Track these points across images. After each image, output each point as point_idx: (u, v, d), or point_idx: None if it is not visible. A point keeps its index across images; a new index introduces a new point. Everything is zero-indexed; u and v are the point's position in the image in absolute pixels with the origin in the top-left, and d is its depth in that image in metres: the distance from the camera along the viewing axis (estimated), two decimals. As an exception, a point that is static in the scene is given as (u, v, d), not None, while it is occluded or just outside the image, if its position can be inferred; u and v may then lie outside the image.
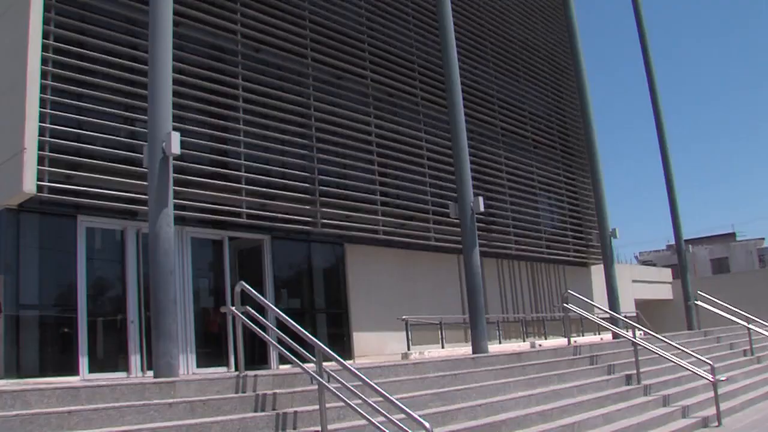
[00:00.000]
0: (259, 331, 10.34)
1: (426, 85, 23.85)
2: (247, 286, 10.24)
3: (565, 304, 18.24)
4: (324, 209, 19.40)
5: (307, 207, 19.14)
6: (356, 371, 8.62)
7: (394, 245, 21.93)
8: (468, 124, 18.45)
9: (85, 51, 15.60)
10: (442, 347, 21.62)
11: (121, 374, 15.27)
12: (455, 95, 17.82)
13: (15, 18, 15.24)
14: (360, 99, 21.62)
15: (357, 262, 21.00)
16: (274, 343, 10.31)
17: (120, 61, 16.05)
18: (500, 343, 23.90)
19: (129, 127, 16.13)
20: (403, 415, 8.00)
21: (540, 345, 21.35)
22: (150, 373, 13.16)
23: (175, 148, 11.08)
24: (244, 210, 17.56)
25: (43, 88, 14.71)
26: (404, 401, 8.22)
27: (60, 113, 14.94)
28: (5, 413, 7.60)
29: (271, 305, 10.45)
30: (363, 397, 8.57)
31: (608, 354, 16.51)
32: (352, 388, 8.75)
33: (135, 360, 15.55)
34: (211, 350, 17.21)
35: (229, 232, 17.90)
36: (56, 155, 14.69)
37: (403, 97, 23.17)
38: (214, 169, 17.39)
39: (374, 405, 8.41)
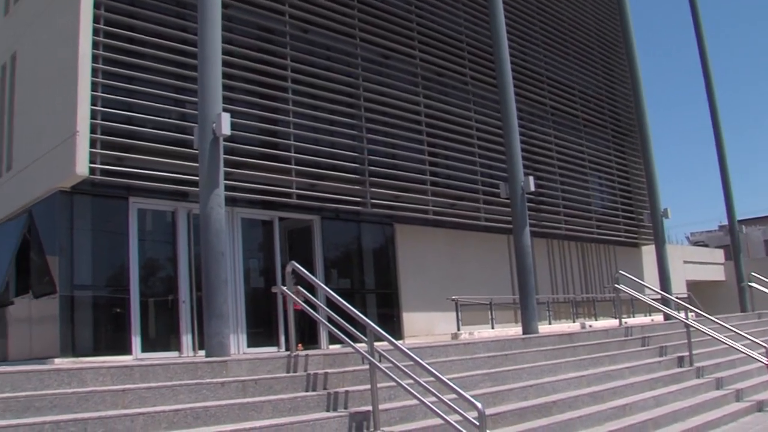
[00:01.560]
0: (311, 310, 10.38)
1: (475, 64, 23.67)
2: (298, 266, 10.28)
3: (616, 285, 18.11)
4: (374, 189, 19.37)
5: (357, 187, 19.14)
6: (408, 351, 8.61)
7: (443, 225, 21.85)
8: (517, 103, 18.32)
9: (135, 34, 15.72)
10: (492, 328, 21.56)
11: (173, 354, 15.45)
12: (505, 74, 17.71)
13: (66, 2, 15.41)
14: (409, 78, 21.52)
15: (407, 242, 20.96)
16: (325, 322, 10.33)
17: (170, 43, 16.15)
18: (550, 323, 23.78)
19: (179, 108, 16.24)
20: (454, 396, 7.98)
21: (590, 326, 21.21)
22: (201, 353, 13.30)
23: (226, 129, 11.15)
24: (294, 190, 17.60)
25: (94, 72, 14.86)
26: (455, 381, 8.21)
27: (111, 96, 15.09)
28: (62, 390, 7.74)
29: (322, 285, 10.48)
30: (414, 377, 8.56)
31: (660, 335, 16.35)
32: (403, 368, 8.75)
33: (186, 340, 15.72)
34: (261, 330, 17.31)
35: (279, 212, 17.96)
36: (108, 138, 14.85)
37: (452, 76, 23.01)
38: (263, 149, 17.45)
39: (426, 385, 8.40)
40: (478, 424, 7.58)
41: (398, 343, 9.03)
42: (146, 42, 15.87)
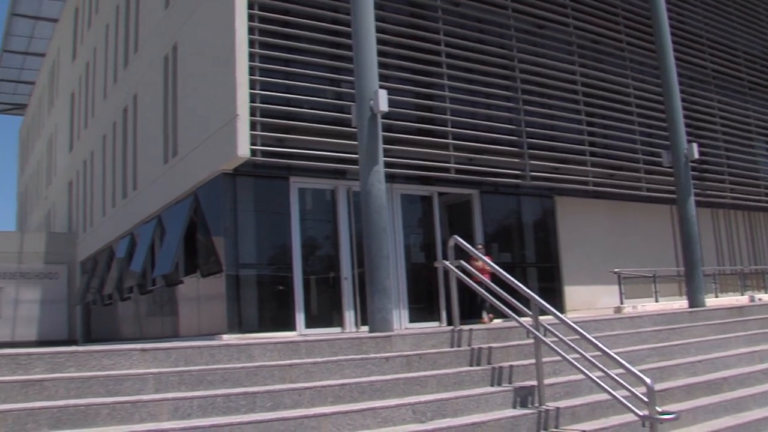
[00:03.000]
0: (474, 285, 10.30)
1: (631, 29, 22.96)
2: (461, 240, 10.22)
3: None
4: (532, 161, 19.12)
5: (516, 160, 18.93)
6: (574, 325, 8.43)
7: (604, 196, 21.33)
8: (677, 67, 17.68)
9: (288, 17, 16.01)
10: (656, 301, 20.96)
11: (336, 330, 15.72)
12: (663, 38, 17.14)
13: (223, -9, 15.82)
14: (564, 47, 21.07)
15: (567, 215, 20.60)
16: (489, 297, 10.22)
17: (322, 24, 16.34)
18: (716, 297, 22.87)
19: (335, 88, 16.43)
20: (620, 370, 7.77)
21: (760, 299, 20.39)
22: (364, 329, 13.47)
23: (383, 106, 11.18)
24: (452, 165, 17.56)
25: (251, 56, 15.24)
26: (621, 356, 7.97)
27: (268, 79, 15.42)
28: (232, 365, 7.96)
29: (485, 259, 10.43)
30: (580, 351, 8.38)
31: (840, 308, 15.49)
32: (569, 342, 8.58)
33: (349, 316, 15.95)
34: (422, 305, 17.38)
35: (437, 187, 17.98)
36: (267, 120, 15.18)
37: (608, 43, 22.39)
38: (419, 125, 17.47)
39: (592, 359, 8.22)
40: (647, 400, 7.34)
41: (562, 316, 8.85)
42: (300, 24, 16.11)
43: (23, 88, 47.58)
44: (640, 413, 7.48)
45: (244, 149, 14.69)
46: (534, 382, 8.65)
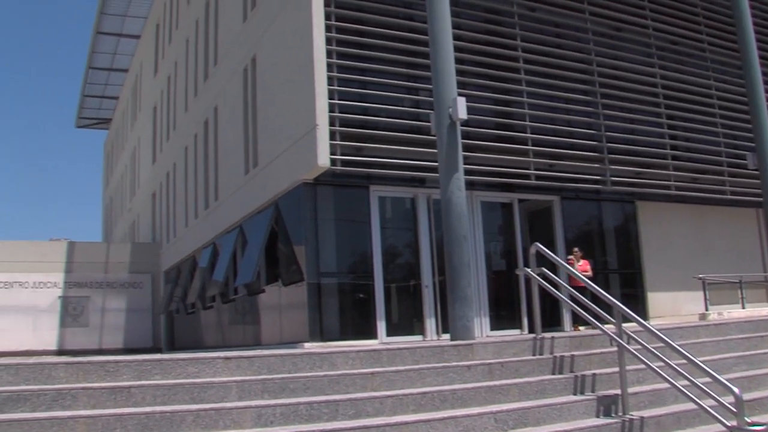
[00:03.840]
0: (558, 293, 10.22)
1: (712, 29, 22.46)
2: (543, 248, 10.14)
3: None
4: (613, 167, 18.86)
5: (596, 165, 18.69)
6: (658, 332, 8.30)
7: (687, 200, 20.90)
8: (762, 66, 17.31)
9: (364, 27, 16.10)
10: (743, 307, 20.51)
11: (417, 338, 15.71)
12: (747, 37, 16.87)
13: (299, 4, 16.01)
14: (643, 50, 20.74)
15: (649, 220, 20.25)
16: (572, 305, 10.12)
17: (398, 33, 16.39)
18: (809, 302, 22.33)
19: (412, 96, 16.44)
20: (707, 379, 7.61)
21: None
22: (445, 336, 13.46)
23: (462, 113, 11.20)
24: (533, 171, 17.43)
25: (329, 67, 15.37)
26: (707, 364, 7.81)
27: (346, 89, 15.54)
28: (314, 373, 8.05)
29: (567, 266, 10.40)
30: (665, 359, 8.24)
31: None
32: (653, 350, 8.45)
33: (430, 324, 15.91)
34: (503, 313, 17.28)
35: (517, 194, 17.85)
36: (346, 129, 15.29)
37: (688, 44, 21.95)
38: (498, 132, 17.37)
39: (677, 368, 8.07)
40: (735, 410, 7.16)
41: (646, 323, 8.71)
42: (376, 34, 16.20)
43: (108, 103, 48.88)
44: (728, 424, 7.33)
45: (324, 159, 14.81)
46: (617, 391, 8.56)
